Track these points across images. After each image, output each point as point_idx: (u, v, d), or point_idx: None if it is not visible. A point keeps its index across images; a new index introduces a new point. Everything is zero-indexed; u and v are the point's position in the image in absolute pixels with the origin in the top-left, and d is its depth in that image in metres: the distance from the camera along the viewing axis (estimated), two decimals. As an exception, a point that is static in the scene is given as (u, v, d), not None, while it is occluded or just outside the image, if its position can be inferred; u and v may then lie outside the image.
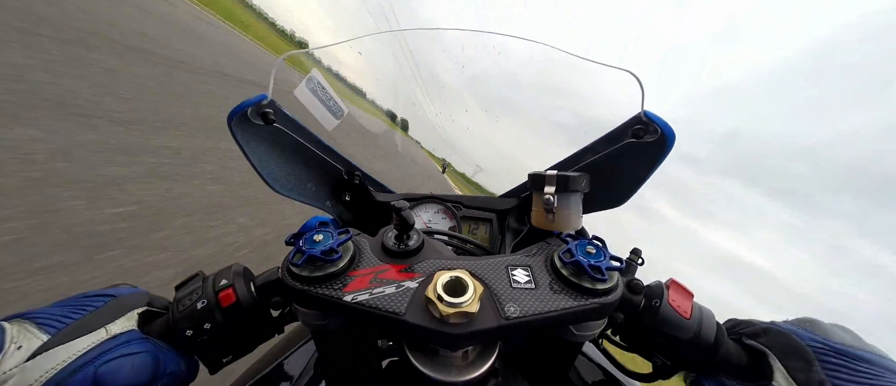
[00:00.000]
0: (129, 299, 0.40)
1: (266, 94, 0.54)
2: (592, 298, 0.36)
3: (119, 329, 0.37)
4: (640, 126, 0.55)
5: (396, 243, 0.42)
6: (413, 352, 0.38)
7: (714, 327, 0.41)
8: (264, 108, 0.55)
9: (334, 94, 0.65)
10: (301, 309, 0.41)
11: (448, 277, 0.36)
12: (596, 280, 0.36)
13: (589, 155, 0.68)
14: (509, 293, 0.36)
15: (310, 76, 0.61)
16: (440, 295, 0.33)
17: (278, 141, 0.64)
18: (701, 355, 0.41)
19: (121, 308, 0.38)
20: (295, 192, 0.73)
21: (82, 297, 0.38)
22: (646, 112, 0.54)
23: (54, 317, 0.34)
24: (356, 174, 0.85)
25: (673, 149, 0.53)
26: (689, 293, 0.45)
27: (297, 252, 0.38)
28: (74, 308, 0.36)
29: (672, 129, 0.53)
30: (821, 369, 0.34)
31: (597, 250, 0.39)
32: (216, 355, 0.44)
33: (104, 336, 0.35)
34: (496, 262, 0.41)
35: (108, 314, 0.37)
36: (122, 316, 0.38)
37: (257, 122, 0.56)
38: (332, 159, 0.78)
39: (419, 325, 0.33)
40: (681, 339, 0.41)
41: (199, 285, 0.42)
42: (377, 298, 0.35)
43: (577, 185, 0.51)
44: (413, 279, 0.37)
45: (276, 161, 0.67)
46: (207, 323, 0.40)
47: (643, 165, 0.59)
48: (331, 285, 0.36)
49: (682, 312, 0.42)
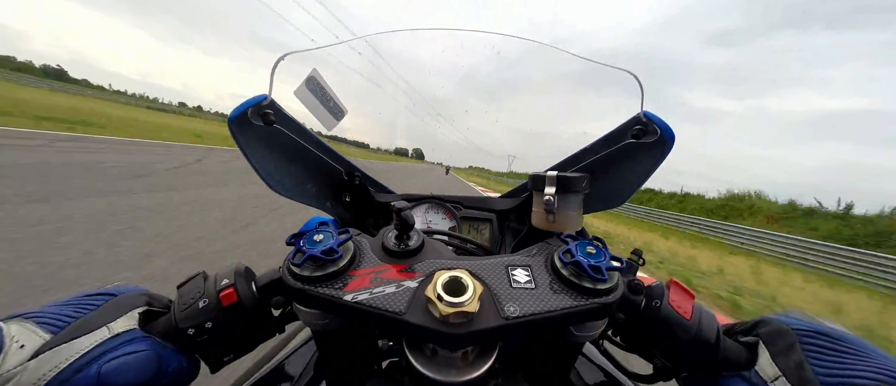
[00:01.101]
0: (129, 298, 0.40)
1: (266, 95, 0.54)
2: (592, 299, 0.36)
3: (121, 328, 0.37)
4: (640, 127, 0.55)
5: (397, 243, 0.42)
6: (413, 352, 0.38)
7: (714, 328, 0.41)
8: (264, 108, 0.55)
9: (334, 94, 0.65)
10: (302, 308, 0.41)
11: (448, 276, 0.36)
12: (596, 280, 0.36)
13: (589, 155, 0.68)
14: (509, 293, 0.36)
15: (309, 76, 0.61)
16: (440, 295, 0.33)
17: (278, 142, 0.64)
18: (701, 356, 0.41)
19: (122, 307, 0.39)
20: (295, 192, 0.73)
21: (82, 296, 0.39)
22: (646, 113, 0.54)
23: (55, 316, 0.34)
24: (356, 175, 0.85)
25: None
26: (689, 294, 0.45)
27: (297, 252, 0.38)
28: (75, 308, 0.36)
29: (671, 130, 0.53)
30: (802, 350, 0.35)
31: (597, 251, 0.39)
32: (217, 354, 0.44)
33: (106, 335, 0.35)
34: (496, 262, 0.41)
35: (110, 313, 0.37)
36: (124, 315, 0.38)
37: (257, 123, 0.56)
38: (333, 160, 0.78)
39: (419, 324, 0.33)
40: (681, 339, 0.41)
41: (201, 284, 0.42)
42: (377, 298, 0.35)
43: (578, 186, 0.51)
44: (413, 279, 0.37)
45: (276, 162, 0.67)
46: (209, 322, 0.40)
47: (643, 166, 0.59)
48: (331, 285, 0.36)
49: (682, 313, 0.42)
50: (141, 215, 3.98)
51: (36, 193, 4.04)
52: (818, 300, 6.12)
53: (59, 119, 12.74)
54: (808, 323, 0.38)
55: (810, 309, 1.08)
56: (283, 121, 0.60)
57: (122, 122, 17.79)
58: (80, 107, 21.51)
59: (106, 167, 6.42)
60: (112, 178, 5.55)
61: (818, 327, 0.37)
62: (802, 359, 0.35)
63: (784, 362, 0.36)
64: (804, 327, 0.37)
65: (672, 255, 8.77)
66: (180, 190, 5.67)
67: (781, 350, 0.37)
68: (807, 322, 0.38)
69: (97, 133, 11.76)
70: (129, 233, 3.38)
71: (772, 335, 0.39)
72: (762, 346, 0.39)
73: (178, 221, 4.00)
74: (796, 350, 0.36)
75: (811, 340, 0.36)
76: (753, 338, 0.40)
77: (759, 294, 5.74)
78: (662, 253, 8.63)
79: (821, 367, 0.34)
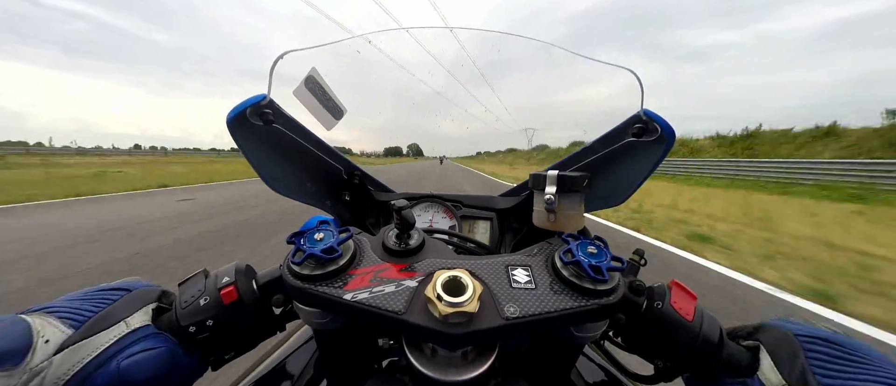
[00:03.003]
0: (143, 293, 0.40)
1: (265, 94, 0.54)
2: (593, 299, 0.36)
3: (138, 323, 0.37)
4: (640, 125, 0.55)
5: (397, 242, 0.42)
6: (412, 351, 0.38)
7: (717, 330, 0.41)
8: (263, 108, 0.55)
9: (333, 93, 0.65)
10: (302, 307, 0.41)
11: (447, 276, 0.35)
12: (597, 281, 0.36)
13: (589, 154, 0.68)
14: (509, 293, 0.36)
15: (308, 75, 0.61)
16: (440, 294, 0.33)
17: (278, 141, 0.64)
18: (703, 358, 0.41)
19: (137, 301, 0.39)
20: (295, 191, 0.73)
21: (99, 290, 0.39)
22: (646, 111, 0.54)
23: (75, 311, 0.35)
24: (356, 174, 0.85)
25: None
26: (691, 295, 0.44)
27: (297, 251, 0.38)
28: (93, 302, 0.36)
29: (672, 128, 0.53)
30: (805, 358, 0.34)
31: (598, 250, 0.39)
32: (218, 352, 0.44)
33: (124, 330, 0.35)
34: (496, 261, 0.41)
35: (126, 308, 0.37)
36: (139, 310, 0.38)
37: (256, 123, 0.56)
38: (332, 159, 0.78)
39: (419, 324, 0.33)
40: (683, 341, 0.41)
41: (202, 282, 0.42)
42: (377, 297, 0.35)
43: (578, 185, 0.51)
44: (413, 278, 0.37)
45: (275, 161, 0.67)
46: (210, 320, 0.40)
47: (643, 164, 0.59)
48: (331, 283, 0.36)
49: (684, 314, 0.42)
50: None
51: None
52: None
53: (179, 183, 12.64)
54: (811, 329, 0.37)
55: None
56: (282, 120, 0.60)
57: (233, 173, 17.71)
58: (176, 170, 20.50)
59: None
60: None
61: (822, 334, 0.36)
62: (806, 367, 0.34)
63: (787, 370, 0.35)
64: (807, 334, 0.36)
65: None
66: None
67: (784, 357, 0.36)
68: (810, 328, 0.37)
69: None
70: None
71: (774, 341, 0.38)
72: (764, 351, 0.38)
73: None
74: (800, 357, 0.35)
75: (815, 347, 0.35)
76: (755, 342, 0.40)
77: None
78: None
79: (825, 376, 0.33)
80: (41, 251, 4.08)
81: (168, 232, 5.08)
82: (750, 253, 4.45)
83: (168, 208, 7.22)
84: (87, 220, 5.94)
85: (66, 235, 4.85)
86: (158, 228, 5.34)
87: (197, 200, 8.64)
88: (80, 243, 4.44)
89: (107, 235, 4.90)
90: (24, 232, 5.00)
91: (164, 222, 5.77)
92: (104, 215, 6.36)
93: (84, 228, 5.29)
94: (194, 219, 6.12)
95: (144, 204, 7.85)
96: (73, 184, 11.09)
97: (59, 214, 6.52)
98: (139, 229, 5.22)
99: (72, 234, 4.91)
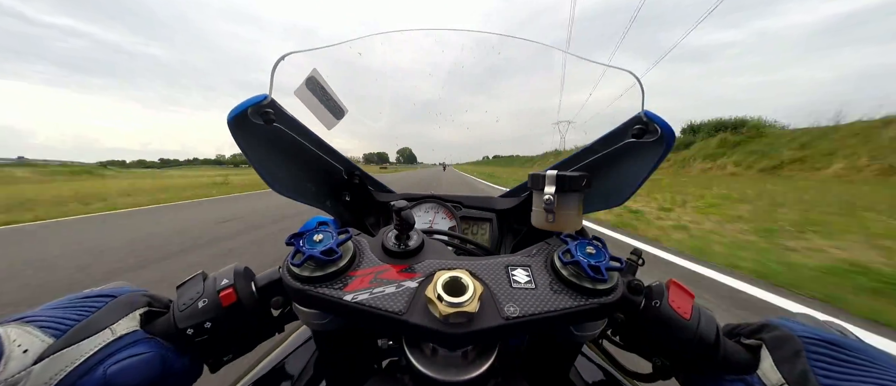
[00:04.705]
0: (130, 299, 0.40)
1: (266, 94, 0.54)
2: (592, 299, 0.36)
3: (124, 329, 0.36)
4: (641, 126, 0.55)
5: (397, 243, 0.42)
6: (412, 351, 0.38)
7: (714, 328, 0.41)
8: (264, 108, 0.55)
9: (334, 93, 0.65)
10: (301, 309, 0.41)
11: (448, 276, 0.36)
12: (596, 280, 0.36)
13: (589, 155, 0.68)
14: (509, 293, 0.36)
15: (309, 76, 0.61)
16: (440, 295, 0.33)
17: (278, 141, 0.64)
18: (700, 355, 0.41)
19: (123, 308, 0.38)
20: (295, 192, 0.73)
21: (82, 297, 0.38)
22: (646, 112, 0.54)
23: (56, 319, 0.34)
24: (356, 174, 0.85)
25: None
26: (689, 294, 0.45)
27: (297, 252, 0.38)
28: (75, 309, 0.36)
29: (672, 129, 0.53)
30: (807, 359, 0.34)
31: (597, 250, 0.39)
32: (217, 354, 0.44)
33: (110, 337, 0.35)
34: (496, 262, 0.41)
35: (112, 314, 0.37)
36: (126, 316, 0.37)
37: (257, 122, 0.56)
38: (333, 159, 0.78)
39: (419, 324, 0.33)
40: (681, 339, 0.41)
41: (201, 285, 0.42)
42: (377, 298, 0.35)
43: (578, 186, 0.51)
44: (413, 279, 0.37)
45: (276, 161, 0.67)
46: (208, 322, 0.40)
47: (643, 165, 0.59)
48: (331, 285, 0.36)
49: (682, 313, 0.42)
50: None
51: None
52: None
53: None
54: (814, 330, 0.37)
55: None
56: (283, 120, 0.60)
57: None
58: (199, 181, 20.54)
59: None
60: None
61: (825, 336, 0.36)
62: (807, 368, 0.33)
63: (788, 370, 0.34)
64: (810, 335, 0.36)
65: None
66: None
67: (785, 357, 0.35)
68: (813, 329, 0.37)
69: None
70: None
71: (776, 340, 0.37)
72: (765, 350, 0.38)
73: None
74: (801, 358, 0.34)
75: (818, 348, 0.35)
76: (756, 341, 0.40)
77: None
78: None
79: (827, 378, 0.32)
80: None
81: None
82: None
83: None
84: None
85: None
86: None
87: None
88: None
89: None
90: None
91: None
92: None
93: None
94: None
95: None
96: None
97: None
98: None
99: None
